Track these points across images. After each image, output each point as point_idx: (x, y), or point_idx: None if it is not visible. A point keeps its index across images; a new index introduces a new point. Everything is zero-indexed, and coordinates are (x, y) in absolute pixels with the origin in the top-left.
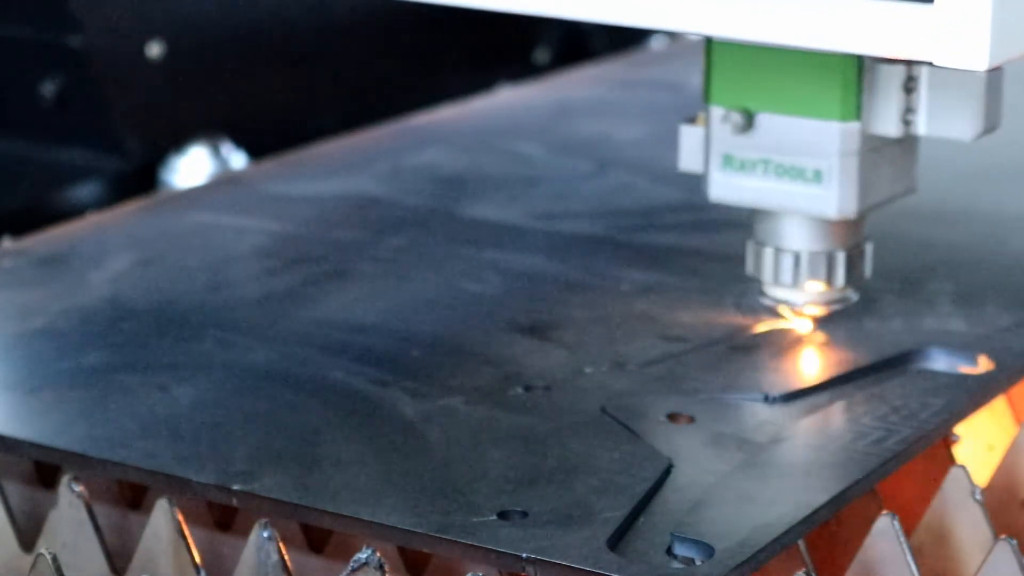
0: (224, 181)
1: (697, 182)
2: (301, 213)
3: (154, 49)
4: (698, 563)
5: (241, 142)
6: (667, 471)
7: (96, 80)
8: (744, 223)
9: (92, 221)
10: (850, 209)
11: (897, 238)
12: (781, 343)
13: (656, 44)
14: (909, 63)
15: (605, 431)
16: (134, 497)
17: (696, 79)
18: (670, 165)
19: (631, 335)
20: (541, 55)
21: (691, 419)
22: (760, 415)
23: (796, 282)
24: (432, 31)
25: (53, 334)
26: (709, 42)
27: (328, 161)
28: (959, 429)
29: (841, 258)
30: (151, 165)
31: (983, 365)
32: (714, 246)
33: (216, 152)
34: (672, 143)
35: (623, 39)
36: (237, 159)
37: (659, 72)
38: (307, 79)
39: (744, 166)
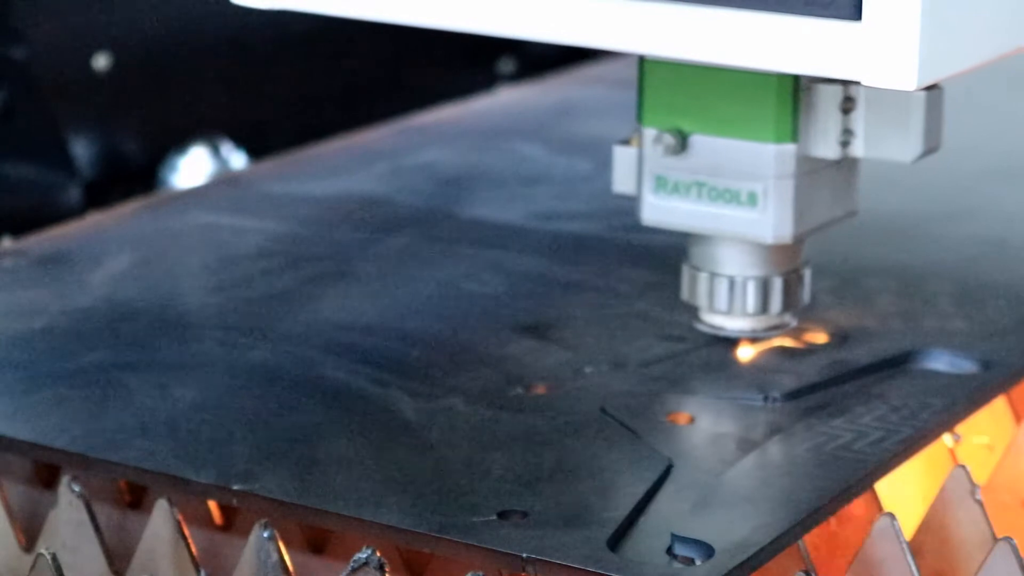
0: (224, 181)
1: None
2: (301, 213)
3: (100, 61)
4: (698, 563)
5: (192, 158)
6: (667, 471)
7: (42, 92)
8: None
9: (92, 221)
10: (786, 234)
11: (897, 237)
12: (780, 343)
13: None
14: (846, 83)
15: (605, 431)
16: (134, 497)
17: None
18: None
19: (631, 335)
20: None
21: (691, 419)
22: (760, 415)
23: (731, 309)
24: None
25: (53, 334)
26: (642, 61)
27: (328, 161)
28: (959, 429)
29: (778, 284)
30: (100, 180)
31: (983, 365)
32: None
33: (216, 152)
34: None
35: None
36: (237, 159)
37: None
38: (263, 89)
39: (677, 189)
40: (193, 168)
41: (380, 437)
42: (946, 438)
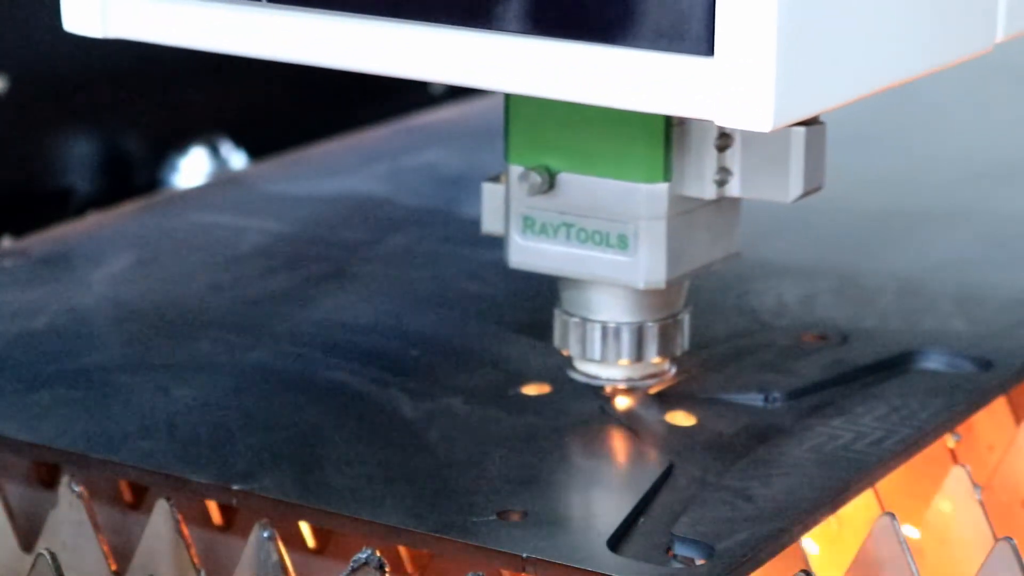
0: (224, 181)
1: None
2: (301, 213)
3: None
4: (698, 563)
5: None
6: (667, 471)
7: None
8: (746, 221)
9: (92, 221)
10: (658, 279)
11: (897, 238)
12: (781, 343)
13: None
14: None
15: (605, 431)
16: (134, 497)
17: None
18: None
19: None
20: None
21: (691, 419)
22: (760, 415)
23: (604, 356)
24: None
25: (53, 334)
26: (508, 96)
27: (328, 161)
28: (959, 429)
29: (653, 330)
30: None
31: (983, 365)
32: None
33: (216, 152)
34: None
35: None
36: (237, 159)
37: None
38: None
39: (545, 230)
40: (193, 168)
41: (380, 437)
42: (946, 438)
